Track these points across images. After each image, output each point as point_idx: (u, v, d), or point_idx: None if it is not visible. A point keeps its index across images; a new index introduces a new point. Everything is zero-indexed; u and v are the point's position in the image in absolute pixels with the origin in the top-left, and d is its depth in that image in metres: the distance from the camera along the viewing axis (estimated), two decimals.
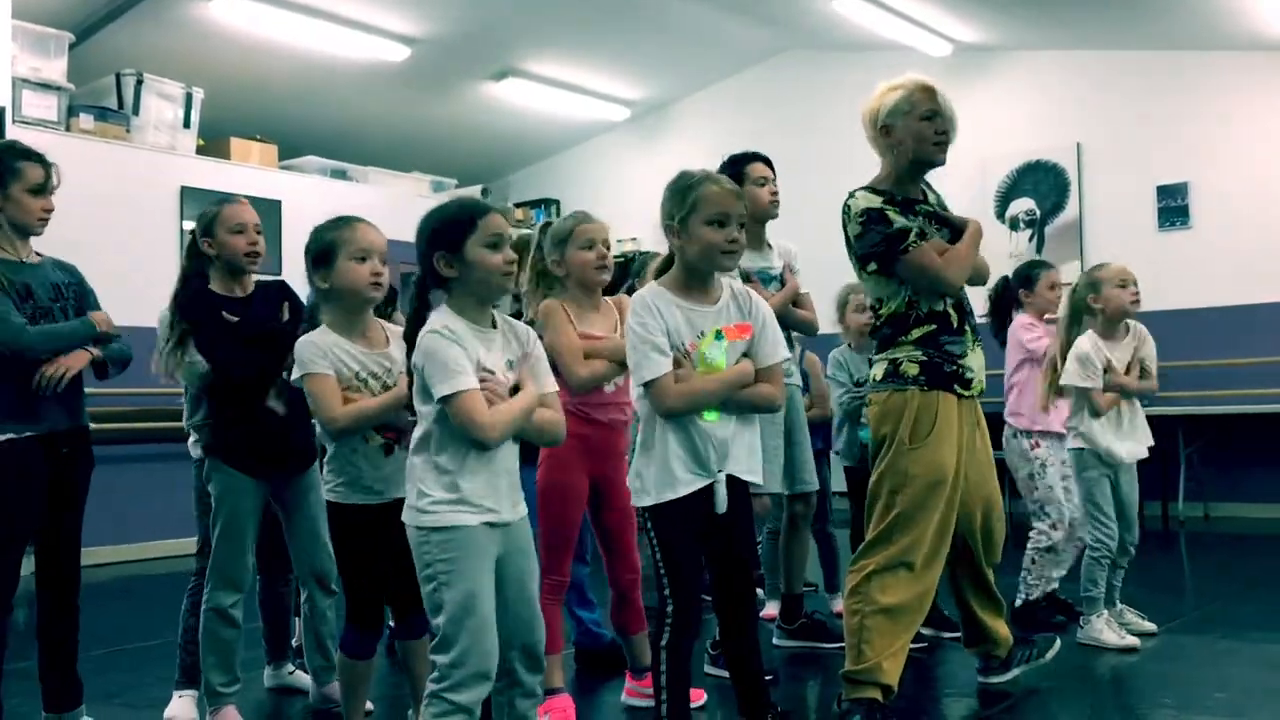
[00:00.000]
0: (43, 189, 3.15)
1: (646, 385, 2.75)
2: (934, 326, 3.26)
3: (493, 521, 2.43)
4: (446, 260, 2.46)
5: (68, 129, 7.39)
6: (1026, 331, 4.59)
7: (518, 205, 10.65)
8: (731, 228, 2.77)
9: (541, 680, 2.59)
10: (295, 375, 2.84)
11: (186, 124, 8.11)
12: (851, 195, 3.33)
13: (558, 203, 10.55)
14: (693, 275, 2.84)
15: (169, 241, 7.78)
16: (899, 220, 3.23)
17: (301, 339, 2.89)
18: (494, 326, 2.55)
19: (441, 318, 2.46)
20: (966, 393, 3.29)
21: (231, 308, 3.33)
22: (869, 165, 3.43)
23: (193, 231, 3.43)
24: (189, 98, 8.11)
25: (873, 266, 3.26)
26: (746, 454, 2.85)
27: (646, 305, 2.79)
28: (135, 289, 5.47)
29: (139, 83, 7.83)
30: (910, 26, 8.50)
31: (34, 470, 3.10)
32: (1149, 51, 8.49)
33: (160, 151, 7.89)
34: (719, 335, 2.81)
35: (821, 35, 9.41)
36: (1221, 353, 8.08)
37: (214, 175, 8.06)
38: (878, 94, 3.38)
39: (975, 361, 3.33)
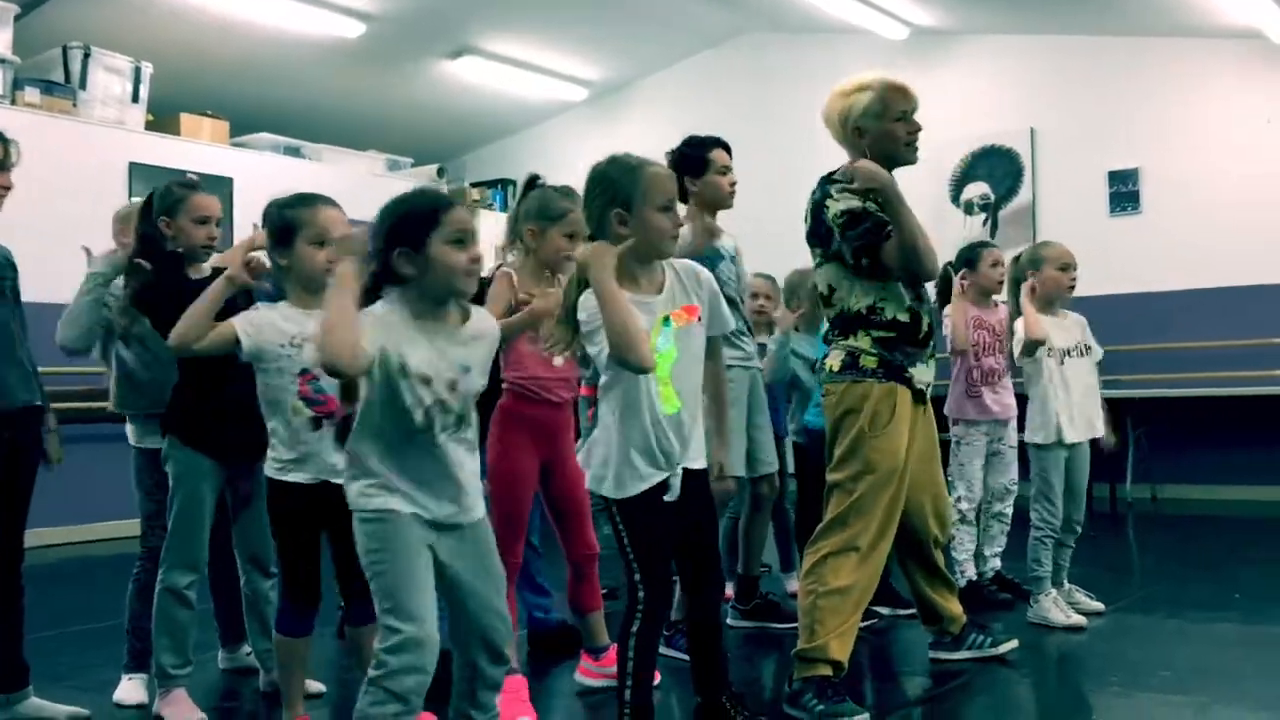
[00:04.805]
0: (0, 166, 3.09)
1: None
2: (894, 334, 3.24)
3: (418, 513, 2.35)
4: (408, 257, 2.31)
5: (13, 102, 7.23)
6: (945, 325, 4.49)
7: (474, 185, 10.57)
8: (675, 212, 2.77)
9: (505, 671, 2.54)
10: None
11: (135, 99, 7.95)
12: (825, 194, 3.22)
13: (514, 183, 10.47)
14: (638, 263, 2.74)
15: None
16: (877, 214, 3.14)
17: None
18: (463, 321, 2.41)
19: (380, 305, 2.32)
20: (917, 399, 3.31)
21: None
22: (827, 148, 3.41)
23: (147, 202, 3.37)
24: (138, 72, 7.96)
25: (866, 261, 3.14)
26: (700, 445, 2.83)
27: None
28: (81, 265, 5.35)
29: (86, 56, 7.66)
30: (867, 10, 8.52)
31: None
32: (1103, 37, 8.57)
33: (108, 126, 7.74)
34: (666, 322, 2.75)
35: (780, 17, 9.42)
36: (1170, 336, 8.20)
37: (164, 151, 7.92)
38: (844, 92, 3.25)
39: (927, 375, 3.33)
